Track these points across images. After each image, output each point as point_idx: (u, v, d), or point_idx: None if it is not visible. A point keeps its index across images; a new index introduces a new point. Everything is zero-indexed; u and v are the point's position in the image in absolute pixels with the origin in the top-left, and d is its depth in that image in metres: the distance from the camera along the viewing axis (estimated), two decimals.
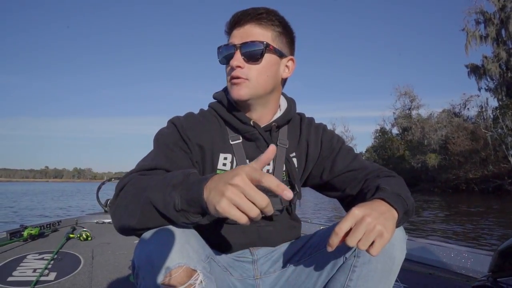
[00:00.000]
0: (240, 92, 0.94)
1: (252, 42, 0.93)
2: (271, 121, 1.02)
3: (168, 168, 0.87)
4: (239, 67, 0.93)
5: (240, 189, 0.62)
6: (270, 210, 0.65)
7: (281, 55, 0.98)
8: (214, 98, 1.06)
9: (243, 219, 0.63)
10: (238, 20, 0.95)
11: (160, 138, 0.95)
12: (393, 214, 0.77)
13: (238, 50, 0.93)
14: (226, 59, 0.96)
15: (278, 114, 1.04)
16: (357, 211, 0.73)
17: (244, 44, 0.93)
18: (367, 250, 0.73)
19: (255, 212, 0.62)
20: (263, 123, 1.01)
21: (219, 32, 1.04)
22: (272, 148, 0.66)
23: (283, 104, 1.07)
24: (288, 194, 0.62)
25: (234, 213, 0.63)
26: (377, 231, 0.71)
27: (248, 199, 0.63)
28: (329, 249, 0.73)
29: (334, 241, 0.72)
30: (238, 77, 0.94)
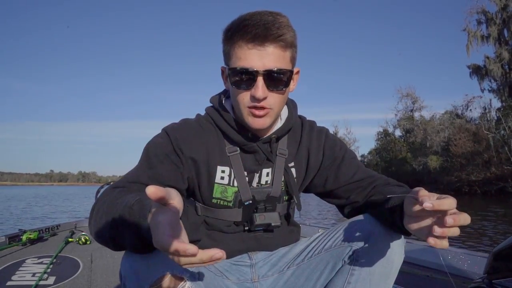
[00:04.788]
0: (264, 124, 0.90)
1: (279, 70, 0.85)
2: (271, 132, 0.98)
3: (148, 183, 0.84)
4: (265, 98, 0.86)
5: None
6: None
7: (295, 73, 0.93)
8: (211, 103, 1.02)
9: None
10: (259, 39, 0.83)
11: (151, 148, 0.93)
12: None
13: (261, 77, 0.84)
14: (244, 85, 0.86)
15: (279, 124, 1.00)
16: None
17: (269, 72, 0.84)
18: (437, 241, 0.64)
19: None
20: (262, 135, 0.97)
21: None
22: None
23: (284, 111, 1.02)
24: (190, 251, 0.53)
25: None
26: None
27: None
28: (429, 207, 0.63)
29: (440, 205, 0.63)
30: (263, 108, 0.88)
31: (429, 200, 0.64)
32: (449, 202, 0.63)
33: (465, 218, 0.63)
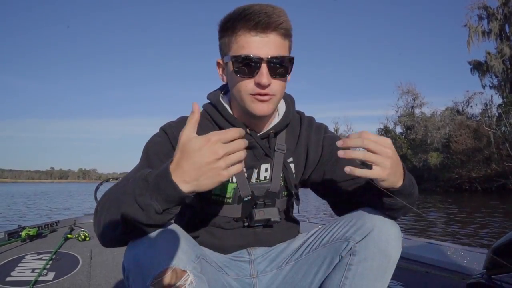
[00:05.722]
0: (268, 110, 0.90)
1: (282, 57, 0.87)
2: (269, 128, 0.98)
3: None
4: (269, 85, 0.87)
5: (227, 153, 0.69)
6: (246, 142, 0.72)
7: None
8: (209, 99, 1.02)
9: (240, 167, 0.72)
10: (262, 27, 0.85)
11: (150, 147, 0.93)
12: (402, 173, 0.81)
13: (265, 64, 0.86)
14: (247, 72, 0.87)
15: (276, 119, 1.00)
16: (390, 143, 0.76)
17: (272, 59, 0.86)
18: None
19: (243, 155, 0.71)
20: (260, 130, 0.98)
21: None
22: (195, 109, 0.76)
23: (281, 106, 1.03)
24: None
25: (233, 171, 0.71)
26: (395, 162, 0.75)
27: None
28: (340, 143, 0.74)
29: (352, 142, 0.73)
30: (266, 94, 0.89)
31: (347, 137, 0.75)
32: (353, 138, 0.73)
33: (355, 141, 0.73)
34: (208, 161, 0.68)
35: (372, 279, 0.86)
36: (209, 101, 1.02)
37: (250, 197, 0.97)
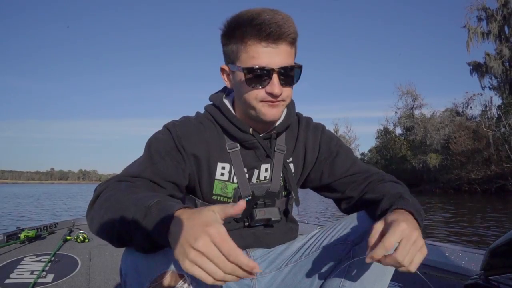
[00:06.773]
0: (277, 114, 0.92)
1: (292, 67, 0.88)
2: (271, 129, 0.99)
3: (151, 178, 0.86)
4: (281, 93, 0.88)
5: (203, 254, 0.57)
6: (235, 278, 0.58)
7: None
8: (211, 101, 1.03)
9: (208, 280, 0.58)
10: (273, 38, 0.84)
11: (152, 144, 0.93)
12: (420, 230, 0.78)
13: (276, 75, 0.86)
14: (258, 82, 0.87)
15: (279, 121, 1.00)
16: (404, 225, 0.71)
17: (283, 69, 0.87)
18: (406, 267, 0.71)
19: (220, 275, 0.57)
20: (262, 131, 0.98)
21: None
22: (241, 205, 0.60)
23: None
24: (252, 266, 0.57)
25: (198, 273, 0.58)
26: (419, 246, 0.72)
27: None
28: (369, 261, 0.71)
29: (379, 254, 0.70)
30: (277, 101, 0.90)
31: (374, 253, 0.71)
32: (382, 250, 0.70)
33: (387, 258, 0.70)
34: (188, 239, 0.58)
35: (372, 281, 0.86)
36: (211, 103, 1.03)
37: (250, 197, 0.98)
